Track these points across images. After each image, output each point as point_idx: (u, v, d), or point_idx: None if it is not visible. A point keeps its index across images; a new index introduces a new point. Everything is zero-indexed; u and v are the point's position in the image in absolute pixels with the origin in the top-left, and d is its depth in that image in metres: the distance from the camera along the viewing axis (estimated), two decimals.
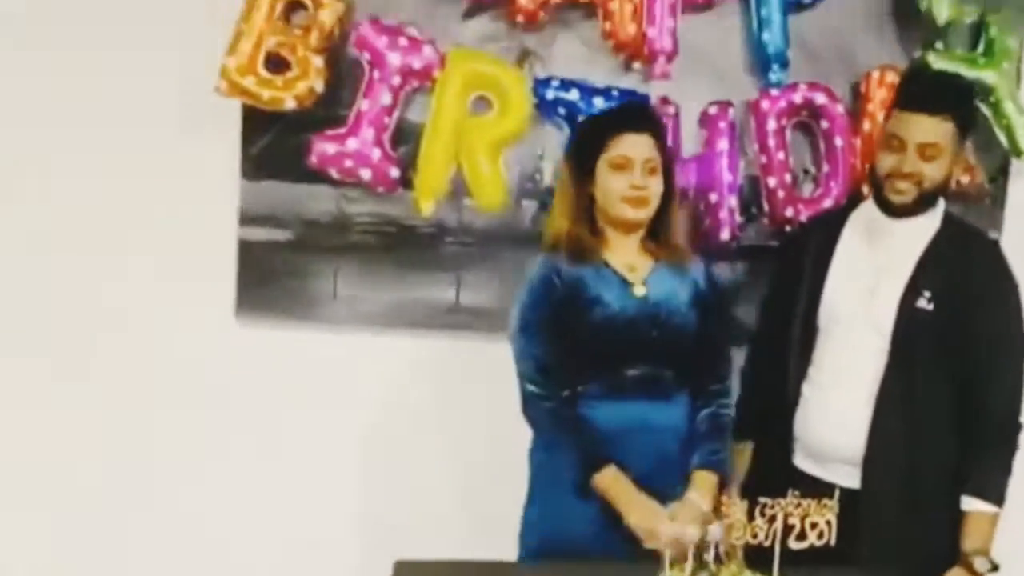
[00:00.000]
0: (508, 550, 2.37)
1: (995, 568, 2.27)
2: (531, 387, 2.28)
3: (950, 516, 2.33)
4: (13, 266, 2.80)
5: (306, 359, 2.84)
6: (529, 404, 2.29)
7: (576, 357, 2.27)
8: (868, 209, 2.44)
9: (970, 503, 2.30)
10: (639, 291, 2.30)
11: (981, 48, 2.77)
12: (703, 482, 2.28)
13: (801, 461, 2.42)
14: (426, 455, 2.89)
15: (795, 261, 2.51)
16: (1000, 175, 2.82)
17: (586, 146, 2.35)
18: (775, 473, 2.37)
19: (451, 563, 2.09)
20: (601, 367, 2.27)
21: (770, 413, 2.48)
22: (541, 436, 2.33)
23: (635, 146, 2.30)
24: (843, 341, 2.38)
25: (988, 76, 2.72)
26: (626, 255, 2.34)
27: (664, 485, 2.25)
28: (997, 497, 2.30)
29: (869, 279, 2.38)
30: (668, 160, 2.37)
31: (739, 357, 2.57)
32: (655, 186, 2.32)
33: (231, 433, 2.86)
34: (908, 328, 2.31)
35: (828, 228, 2.50)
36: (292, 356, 2.83)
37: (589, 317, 2.27)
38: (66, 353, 2.82)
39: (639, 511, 2.19)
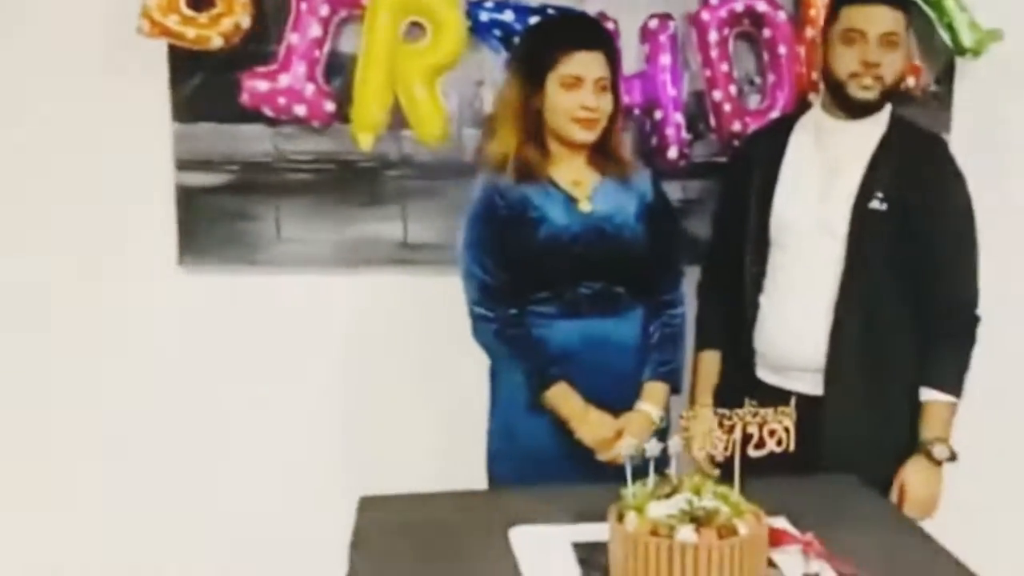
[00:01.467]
0: (476, 478, 2.37)
1: (953, 457, 2.30)
2: (476, 308, 2.28)
3: (912, 415, 2.35)
4: None
5: (254, 303, 2.80)
6: (475, 326, 2.29)
7: (526, 276, 2.25)
8: (815, 115, 2.43)
9: (928, 394, 2.31)
10: (585, 207, 2.27)
11: None
12: (653, 393, 2.29)
13: (763, 373, 2.43)
14: (382, 393, 2.87)
15: (743, 173, 2.48)
16: (945, 76, 2.80)
17: (534, 60, 2.25)
18: (739, 386, 2.39)
19: (415, 496, 2.08)
20: (553, 285, 2.25)
21: (729, 327, 2.48)
22: (491, 357, 2.32)
23: (587, 65, 2.21)
24: (796, 249, 2.38)
25: None
26: (572, 171, 2.30)
27: (621, 399, 2.27)
28: (955, 388, 2.32)
29: (820, 184, 2.37)
30: (616, 75, 2.30)
31: (695, 273, 2.55)
32: (605, 105, 2.25)
33: (180, 383, 2.82)
34: (862, 230, 2.30)
35: (774, 137, 2.48)
36: (239, 301, 2.79)
37: (535, 235, 2.24)
38: (7, 305, 2.76)
39: (589, 425, 2.22)
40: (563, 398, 2.23)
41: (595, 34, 2.31)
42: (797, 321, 2.36)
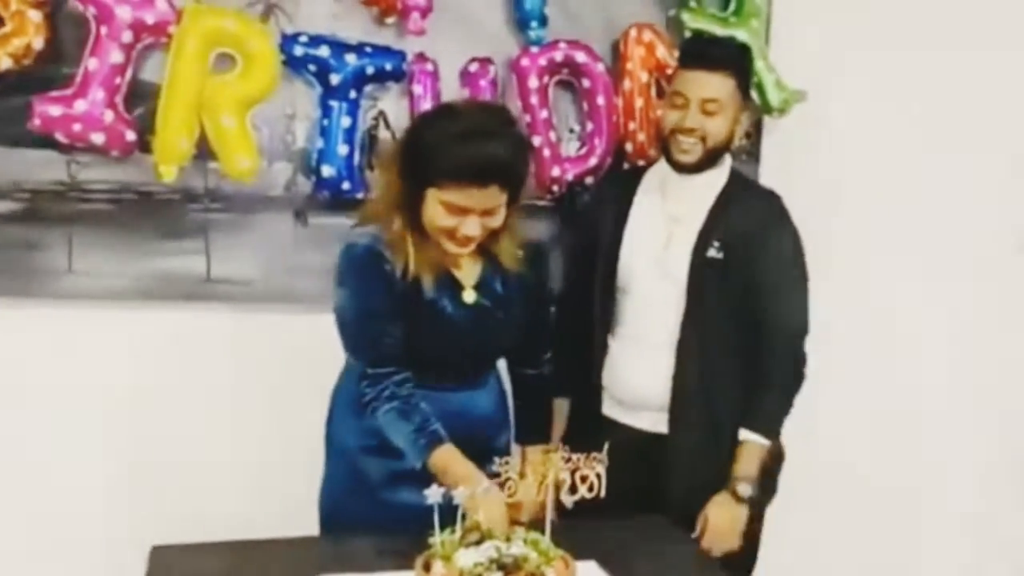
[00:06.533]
0: (278, 525, 2.20)
1: (756, 496, 2.38)
2: (373, 370, 2.07)
3: None
4: None
5: (40, 338, 2.62)
6: (371, 390, 2.07)
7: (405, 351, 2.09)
8: (661, 168, 2.50)
9: (745, 434, 2.39)
10: (469, 297, 2.14)
11: (732, 7, 2.82)
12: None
13: (609, 410, 2.49)
14: (177, 434, 2.70)
15: (593, 220, 2.57)
16: (753, 131, 2.89)
17: (418, 172, 2.01)
18: (587, 424, 2.48)
19: (212, 544, 1.99)
20: (425, 366, 2.11)
21: (579, 368, 2.51)
22: (382, 422, 2.07)
23: (476, 198, 1.97)
24: (641, 294, 2.45)
25: (739, 34, 2.76)
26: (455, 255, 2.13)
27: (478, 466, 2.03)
28: (768, 431, 2.41)
29: (663, 232, 2.45)
30: (516, 195, 2.06)
31: None
32: (491, 224, 2.04)
33: None
34: (700, 277, 2.39)
35: (623, 187, 2.56)
36: (24, 335, 2.60)
37: (423, 318, 2.09)
38: None
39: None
40: (452, 460, 2.00)
41: (496, 168, 1.97)
42: (642, 362, 2.44)
